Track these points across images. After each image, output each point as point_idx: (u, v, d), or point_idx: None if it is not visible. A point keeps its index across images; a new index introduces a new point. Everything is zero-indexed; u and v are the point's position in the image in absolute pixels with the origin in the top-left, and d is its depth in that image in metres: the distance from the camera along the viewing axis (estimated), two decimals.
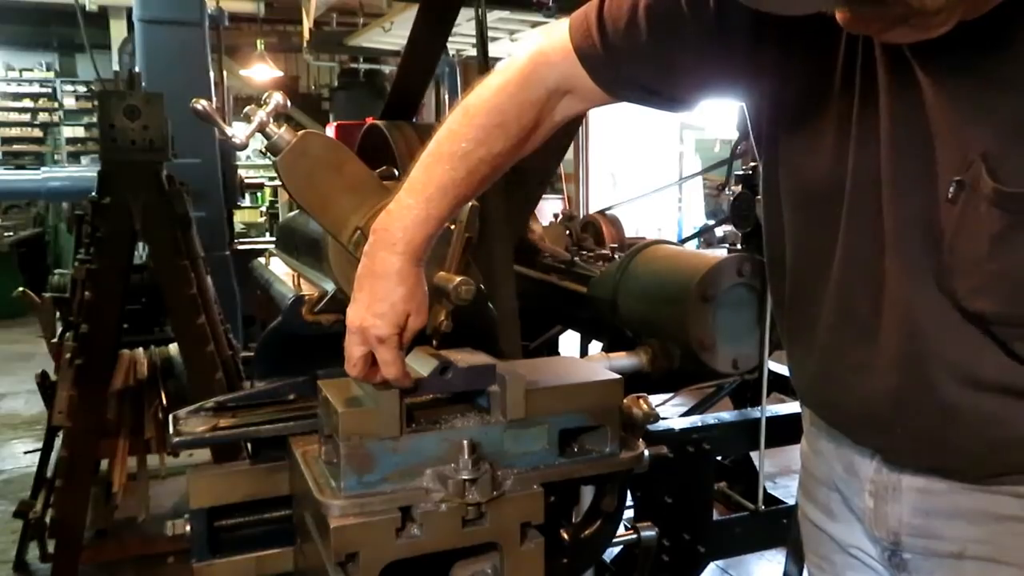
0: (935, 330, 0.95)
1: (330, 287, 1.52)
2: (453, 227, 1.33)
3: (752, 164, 2.89)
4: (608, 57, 1.10)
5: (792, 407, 2.54)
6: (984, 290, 0.90)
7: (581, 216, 3.76)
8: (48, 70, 13.49)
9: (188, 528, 1.38)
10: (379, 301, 1.11)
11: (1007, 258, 0.87)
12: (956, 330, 0.93)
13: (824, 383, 1.11)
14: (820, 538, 1.25)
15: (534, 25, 7.65)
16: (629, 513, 2.15)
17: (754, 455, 2.81)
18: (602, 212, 3.51)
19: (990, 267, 0.88)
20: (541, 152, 1.28)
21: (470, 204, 1.19)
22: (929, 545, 1.05)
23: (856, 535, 1.16)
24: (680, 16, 1.04)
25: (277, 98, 1.31)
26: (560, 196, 9.88)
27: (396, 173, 1.47)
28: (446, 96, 10.41)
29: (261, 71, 9.43)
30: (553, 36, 1.16)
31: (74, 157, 12.95)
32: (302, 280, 1.67)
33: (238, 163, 5.94)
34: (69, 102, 13.43)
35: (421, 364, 1.24)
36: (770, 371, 2.47)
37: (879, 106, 0.95)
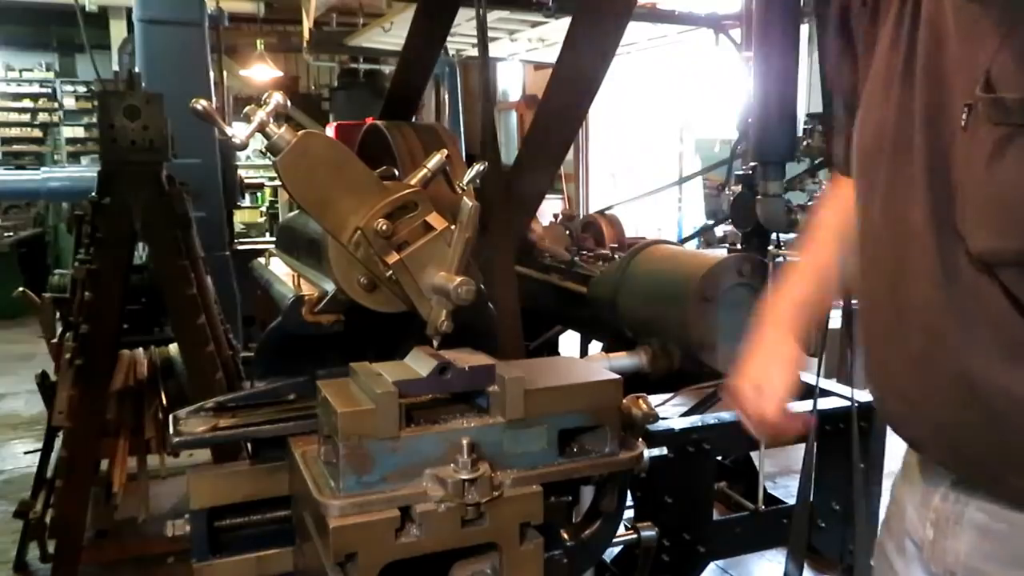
0: (958, 297, 0.90)
1: (330, 287, 1.51)
2: (454, 227, 1.33)
3: (752, 164, 2.88)
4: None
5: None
6: (983, 221, 0.85)
7: (581, 216, 3.76)
8: (48, 70, 13.46)
9: (188, 528, 1.38)
10: None
11: (1000, 180, 0.82)
12: (975, 293, 0.88)
13: (877, 374, 1.09)
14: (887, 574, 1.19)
15: (534, 25, 7.63)
16: (629, 513, 2.15)
17: (754, 455, 2.81)
18: (602, 212, 3.51)
19: (987, 191, 0.84)
20: (541, 154, 1.29)
21: (471, 205, 1.20)
22: None
23: (913, 568, 1.11)
24: (838, 64, 1.15)
25: (277, 98, 1.32)
26: (560, 196, 9.89)
27: (396, 173, 1.47)
28: (446, 96, 10.41)
29: (261, 71, 9.42)
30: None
31: (74, 157, 12.93)
32: (302, 280, 1.67)
33: (238, 163, 5.93)
34: (69, 102, 13.40)
35: (421, 364, 1.24)
36: None
37: (916, 43, 0.93)
